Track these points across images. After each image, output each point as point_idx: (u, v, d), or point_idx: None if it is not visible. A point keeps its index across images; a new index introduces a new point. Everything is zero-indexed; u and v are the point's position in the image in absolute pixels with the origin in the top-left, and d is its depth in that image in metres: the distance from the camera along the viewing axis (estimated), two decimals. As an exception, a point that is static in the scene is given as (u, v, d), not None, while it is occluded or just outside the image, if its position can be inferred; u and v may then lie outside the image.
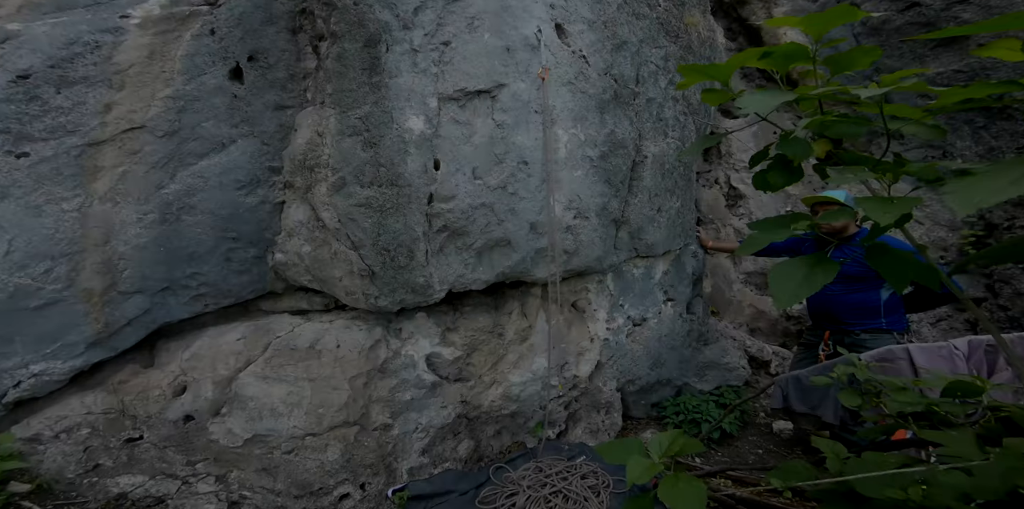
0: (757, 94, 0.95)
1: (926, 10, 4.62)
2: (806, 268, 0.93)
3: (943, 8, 4.56)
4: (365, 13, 2.74)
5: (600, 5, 3.47)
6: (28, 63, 2.78)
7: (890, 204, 0.82)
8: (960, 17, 4.49)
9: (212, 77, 2.92)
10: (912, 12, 4.69)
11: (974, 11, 4.45)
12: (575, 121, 3.25)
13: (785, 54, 0.99)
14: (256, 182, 2.96)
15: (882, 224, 0.81)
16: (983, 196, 0.61)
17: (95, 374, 2.97)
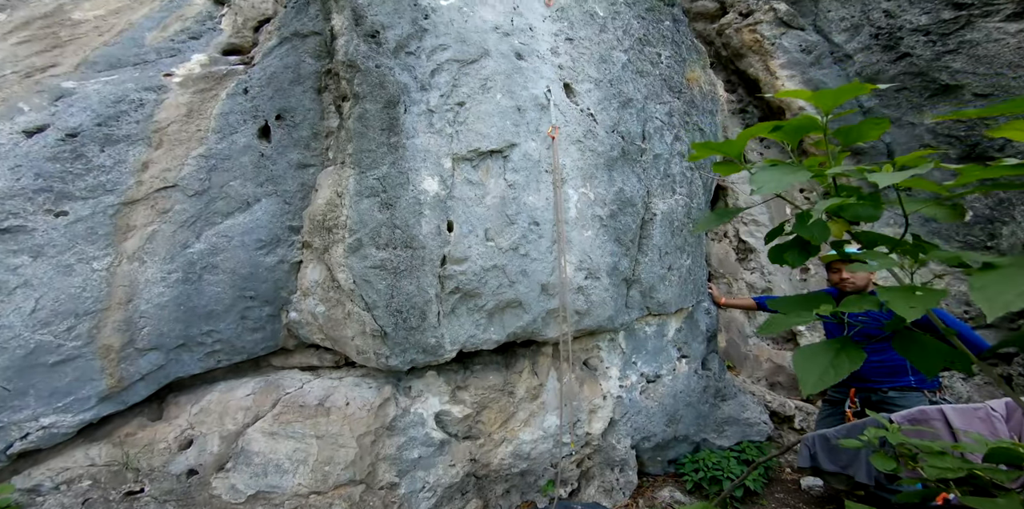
0: (770, 171, 0.94)
1: (917, 60, 4.64)
2: (831, 353, 0.89)
3: (933, 58, 4.57)
4: (386, 75, 2.82)
5: (606, 64, 3.54)
6: (78, 121, 2.91)
7: (914, 296, 0.78)
8: (950, 66, 4.48)
9: (242, 135, 3.01)
10: (904, 62, 4.71)
11: (963, 60, 4.45)
12: (584, 180, 3.23)
13: (795, 128, 0.99)
14: (276, 241, 2.97)
15: (908, 320, 0.76)
16: (1011, 297, 0.60)
17: (102, 426, 2.90)
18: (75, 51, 3.84)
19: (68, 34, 4.06)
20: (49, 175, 2.71)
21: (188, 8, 4.32)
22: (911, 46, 4.70)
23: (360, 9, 3.32)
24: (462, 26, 3.23)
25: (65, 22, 4.23)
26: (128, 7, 4.44)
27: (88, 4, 4.51)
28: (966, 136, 4.28)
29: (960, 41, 4.53)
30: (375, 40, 3.04)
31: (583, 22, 3.73)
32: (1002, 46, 4.35)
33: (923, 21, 4.77)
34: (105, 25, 4.17)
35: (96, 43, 3.83)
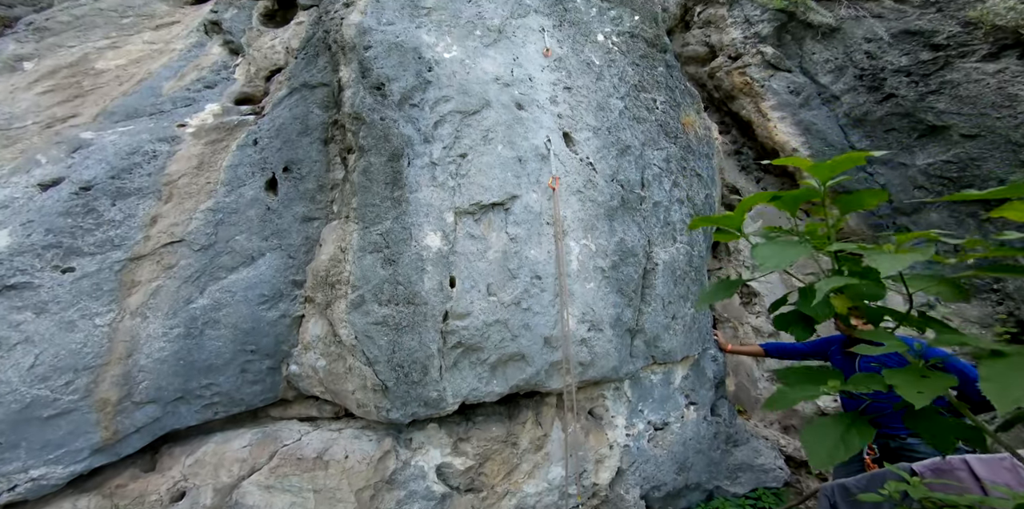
0: (771, 245, 0.93)
1: (902, 101, 4.61)
2: (841, 428, 0.86)
3: (918, 99, 4.55)
4: (390, 127, 2.77)
5: (603, 112, 3.48)
6: (93, 174, 2.85)
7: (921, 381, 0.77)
8: (935, 107, 4.46)
9: (250, 188, 2.95)
10: (890, 103, 4.68)
11: (947, 101, 4.42)
12: (585, 231, 3.13)
13: (794, 198, 0.99)
14: (279, 296, 2.88)
15: (917, 406, 0.74)
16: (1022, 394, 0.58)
17: (93, 477, 2.74)
18: (96, 101, 3.85)
19: (90, 83, 4.08)
20: (60, 230, 2.65)
21: (205, 58, 4.35)
22: (895, 87, 4.66)
23: (367, 62, 3.30)
24: (464, 78, 3.19)
25: (89, 71, 4.26)
26: (148, 56, 4.48)
27: (112, 53, 4.56)
28: (958, 177, 4.18)
29: (941, 81, 4.49)
30: (380, 92, 3.00)
31: (580, 71, 3.69)
32: (983, 87, 4.31)
33: (904, 62, 4.76)
34: (126, 74, 4.19)
35: (116, 93, 3.85)
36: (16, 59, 4.51)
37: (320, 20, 4.14)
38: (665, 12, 5.76)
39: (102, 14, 5.17)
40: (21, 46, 4.71)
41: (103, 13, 5.18)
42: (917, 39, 4.84)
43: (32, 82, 3.91)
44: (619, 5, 4.91)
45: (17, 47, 4.68)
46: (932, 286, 0.89)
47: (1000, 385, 0.61)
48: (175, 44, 4.48)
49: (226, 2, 4.95)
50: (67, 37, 4.87)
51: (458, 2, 4.12)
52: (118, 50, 4.52)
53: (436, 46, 3.37)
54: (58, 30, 4.95)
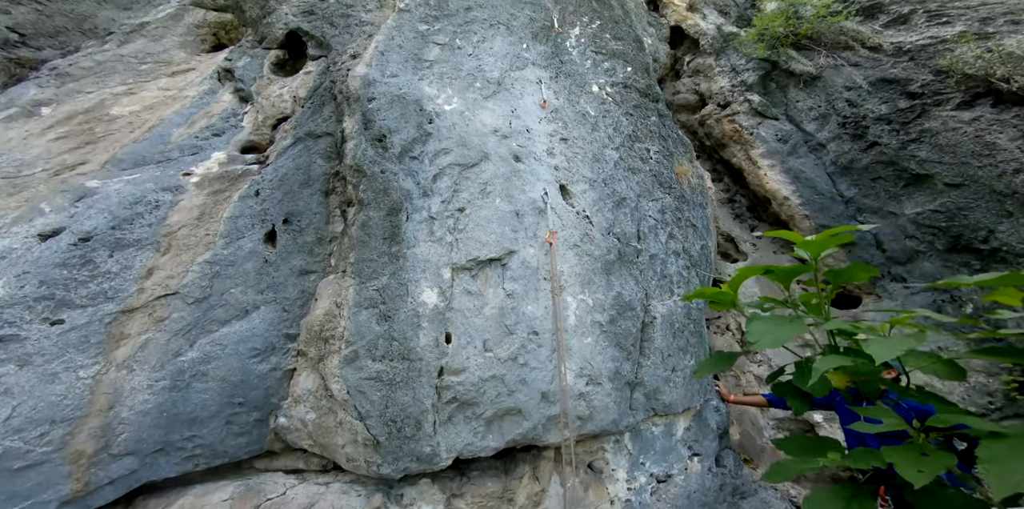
0: (766, 322, 0.91)
1: (885, 149, 4.53)
2: (842, 502, 0.82)
3: (900, 147, 4.47)
4: (390, 180, 2.67)
5: (599, 163, 3.40)
6: (94, 224, 2.73)
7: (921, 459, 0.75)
8: (917, 155, 4.37)
9: (249, 240, 2.83)
10: (874, 151, 4.60)
11: (928, 150, 4.35)
12: (583, 286, 2.99)
13: (787, 272, 0.98)
14: (271, 349, 2.71)
15: (916, 486, 0.71)
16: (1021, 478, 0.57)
17: (61, 528, 2.53)
18: (106, 147, 3.78)
19: (103, 130, 4.03)
20: (54, 282, 2.51)
21: (215, 105, 4.32)
22: (877, 135, 4.60)
23: (370, 113, 3.25)
24: (464, 130, 3.13)
25: (103, 117, 4.21)
26: (162, 103, 4.45)
27: (127, 99, 4.53)
28: (947, 227, 4.04)
29: (921, 130, 4.43)
30: (382, 144, 2.93)
31: (576, 122, 3.64)
32: (960, 135, 4.24)
33: (884, 110, 4.72)
34: (138, 121, 4.15)
35: (127, 140, 3.78)
36: (35, 104, 4.48)
37: (328, 70, 4.13)
38: (656, 62, 5.82)
39: (122, 60, 5.18)
40: (41, 91, 4.69)
41: (123, 59, 5.19)
42: (894, 87, 4.84)
43: (47, 128, 3.86)
44: (612, 57, 4.95)
45: (37, 92, 4.67)
46: (929, 365, 0.85)
47: (1000, 468, 0.59)
48: (189, 91, 4.46)
49: (240, 50, 4.98)
50: (86, 83, 4.86)
51: (459, 55, 4.13)
52: (134, 96, 4.49)
53: (437, 98, 3.34)
54: (79, 76, 4.95)
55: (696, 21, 6.43)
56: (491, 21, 4.62)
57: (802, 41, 5.63)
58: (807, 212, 4.60)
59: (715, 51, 6.15)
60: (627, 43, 5.31)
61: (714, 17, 6.62)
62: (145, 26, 5.67)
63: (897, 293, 4.19)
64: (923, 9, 5.19)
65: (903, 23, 5.29)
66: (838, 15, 5.41)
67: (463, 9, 4.65)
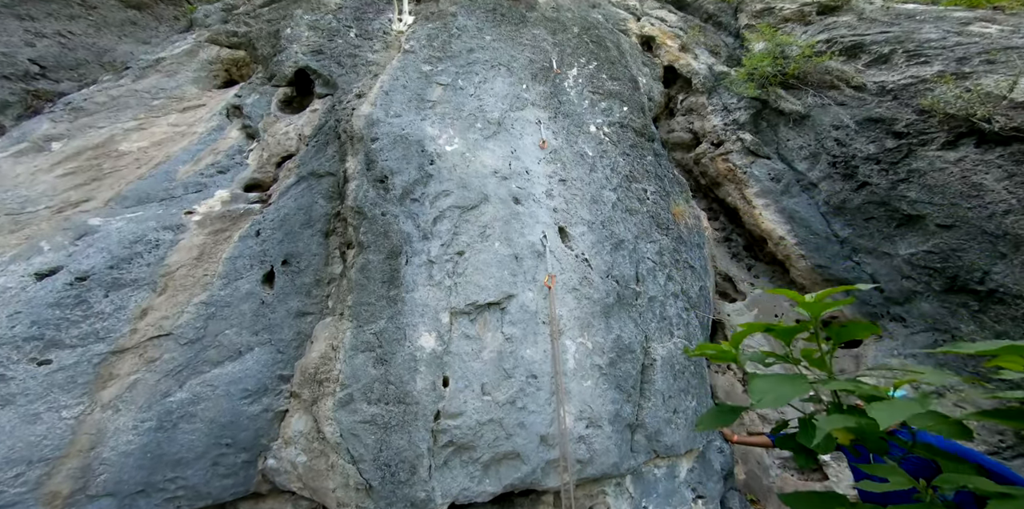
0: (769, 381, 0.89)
1: (876, 189, 4.46)
2: None
3: (890, 187, 4.41)
4: (391, 223, 2.63)
5: (597, 205, 3.37)
6: (92, 263, 2.67)
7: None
8: (907, 196, 4.28)
9: (247, 282, 2.76)
10: (865, 191, 4.53)
11: (917, 190, 4.27)
12: (582, 329, 2.91)
13: (787, 331, 0.98)
14: (263, 391, 2.60)
15: None
16: None
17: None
18: (111, 184, 3.75)
19: (110, 166, 4.01)
20: (45, 322, 2.43)
21: (222, 141, 4.33)
22: (867, 175, 4.57)
23: (372, 153, 3.24)
24: (464, 171, 3.12)
25: (111, 153, 4.21)
26: (170, 139, 4.46)
27: (137, 135, 4.54)
28: (942, 268, 3.94)
29: (909, 170, 4.40)
30: (383, 185, 2.90)
31: (575, 162, 3.64)
32: (947, 175, 4.19)
33: (871, 150, 4.69)
34: (145, 157, 4.14)
35: (132, 177, 3.76)
36: (46, 139, 4.47)
37: (333, 109, 4.17)
38: (651, 101, 5.92)
39: (136, 95, 5.21)
40: (54, 126, 4.68)
41: (137, 94, 5.22)
42: (880, 127, 4.82)
43: (55, 164, 3.84)
44: (609, 97, 5.03)
45: (50, 127, 4.66)
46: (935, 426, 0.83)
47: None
48: (197, 127, 4.49)
49: (250, 87, 5.05)
50: (99, 117, 4.86)
51: (461, 95, 4.18)
52: (143, 132, 4.51)
53: (439, 139, 3.34)
54: (92, 110, 4.95)
55: (688, 61, 6.57)
56: (492, 62, 4.71)
57: (790, 80, 5.66)
58: (803, 252, 4.54)
59: (707, 90, 6.24)
60: (623, 83, 5.41)
61: (705, 57, 6.78)
62: (161, 62, 5.73)
63: (898, 333, 4.08)
64: (902, 49, 5.26)
65: (884, 63, 5.34)
66: (822, 55, 5.47)
67: (466, 50, 4.75)
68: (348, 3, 5.52)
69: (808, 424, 0.97)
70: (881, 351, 4.11)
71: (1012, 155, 4.05)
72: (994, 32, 5.05)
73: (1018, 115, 4.22)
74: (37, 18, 6.16)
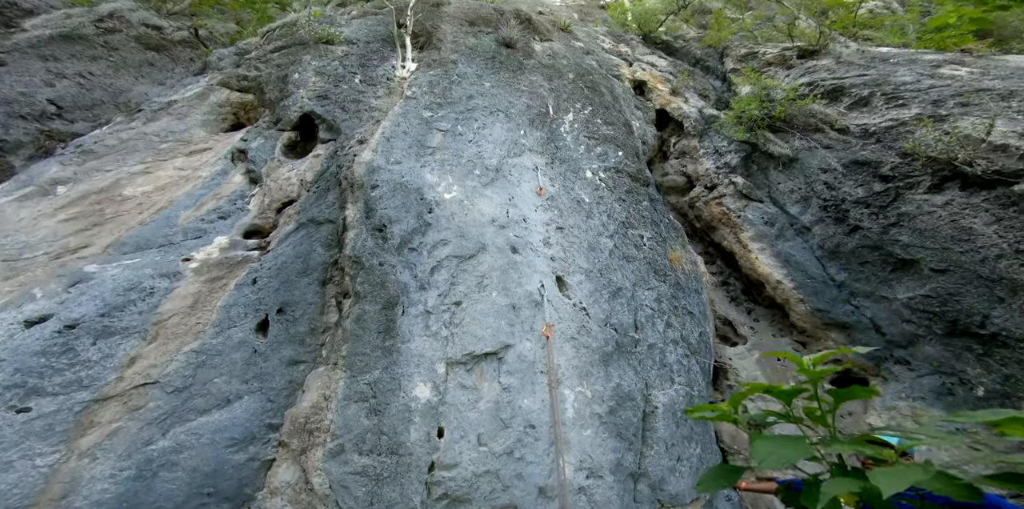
0: (771, 442, 0.90)
1: (868, 233, 4.48)
2: None
3: (882, 231, 4.43)
4: (388, 274, 2.66)
5: (594, 253, 3.43)
6: (83, 311, 2.66)
7: None
8: (899, 240, 4.29)
9: (240, 330, 2.75)
10: (858, 235, 4.55)
11: (908, 234, 4.28)
12: (580, 378, 2.89)
13: (788, 392, 1.00)
14: (250, 439, 2.54)
15: None
16: None
17: None
18: (112, 230, 3.81)
19: (113, 211, 4.09)
20: (29, 370, 2.40)
21: (226, 186, 4.44)
22: (858, 219, 4.61)
23: (372, 201, 3.33)
24: (462, 220, 3.19)
25: (115, 198, 4.30)
26: (175, 183, 4.57)
27: (142, 179, 4.65)
28: (942, 312, 3.94)
29: (898, 214, 4.43)
30: (382, 234, 2.96)
31: (572, 209, 3.73)
32: (937, 219, 4.22)
33: (860, 193, 4.74)
34: (148, 202, 4.24)
35: (133, 222, 3.83)
36: (52, 183, 4.55)
37: (335, 154, 4.31)
38: (645, 144, 6.15)
39: (145, 138, 5.31)
40: (62, 169, 4.76)
41: (146, 137, 5.33)
42: (866, 170, 4.90)
43: (58, 208, 3.92)
44: (604, 141, 5.24)
45: (58, 170, 4.74)
46: (944, 487, 0.82)
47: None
48: (202, 171, 4.61)
49: (256, 131, 5.22)
50: (108, 160, 4.94)
51: (460, 141, 4.35)
52: (149, 176, 4.61)
53: (438, 186, 3.44)
54: (101, 153, 5.04)
55: (679, 105, 6.86)
56: (491, 109, 4.94)
57: (777, 123, 5.86)
58: (801, 296, 4.55)
59: (698, 133, 6.47)
60: (617, 128, 5.65)
61: (695, 100, 7.09)
62: (172, 104, 5.88)
63: (903, 375, 4.03)
64: (880, 92, 5.45)
65: (865, 105, 5.49)
66: (806, 98, 5.70)
67: (465, 97, 4.99)
68: (354, 50, 5.82)
69: (813, 486, 0.96)
70: (888, 394, 4.04)
71: (997, 199, 4.11)
72: (964, 75, 5.24)
73: (998, 158, 4.30)
74: (60, 59, 6.37)
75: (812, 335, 4.48)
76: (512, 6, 8.29)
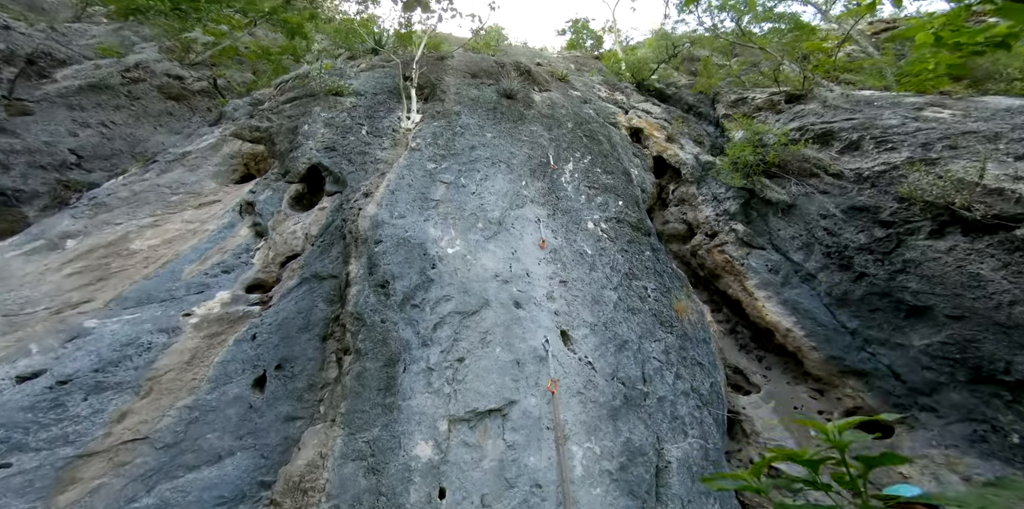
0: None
1: (875, 280, 4.43)
2: None
3: (888, 278, 4.39)
4: (390, 331, 2.67)
5: (599, 306, 3.44)
6: (77, 367, 2.65)
7: None
8: (908, 286, 4.24)
9: (236, 386, 2.73)
10: (865, 282, 4.49)
11: (916, 280, 4.23)
12: (588, 434, 2.81)
13: (814, 461, 0.99)
14: (241, 497, 2.42)
15: None
16: None
17: None
18: (116, 284, 3.87)
19: (119, 265, 4.18)
20: (14, 425, 2.37)
21: (231, 240, 4.56)
22: (863, 265, 4.58)
23: (375, 257, 3.40)
24: (465, 275, 3.24)
25: (122, 252, 4.40)
26: (182, 236, 4.70)
27: (150, 232, 4.78)
28: (962, 359, 3.84)
29: (904, 260, 4.41)
30: (384, 291, 3.00)
31: (574, 262, 3.78)
32: (943, 265, 4.19)
33: (862, 240, 4.74)
34: (154, 256, 4.34)
35: (138, 276, 3.90)
36: (63, 236, 4.66)
37: (341, 208, 4.45)
38: (644, 193, 6.34)
39: (157, 190, 5.44)
40: (74, 222, 4.86)
41: (158, 189, 5.47)
42: (865, 215, 4.92)
43: (65, 262, 4.00)
44: (604, 191, 5.42)
45: (70, 223, 4.84)
46: None
47: None
48: (209, 224, 4.76)
49: (265, 183, 5.40)
50: (119, 213, 5.05)
51: (463, 194, 4.51)
52: (157, 229, 4.74)
53: (441, 240, 3.53)
54: (113, 206, 5.17)
55: (675, 151, 7.10)
56: (493, 159, 5.16)
57: (772, 169, 5.96)
58: (813, 344, 4.48)
59: (696, 180, 6.64)
60: (617, 177, 5.86)
61: (691, 147, 7.35)
62: (186, 155, 6.03)
63: (931, 423, 3.86)
64: (869, 135, 5.57)
65: (855, 149, 5.60)
66: (797, 143, 5.86)
67: (468, 148, 5.22)
68: (362, 102, 6.15)
69: None
70: (917, 441, 3.84)
71: (1001, 244, 4.12)
72: (947, 117, 5.37)
73: (996, 202, 4.32)
74: (86, 108, 6.63)
75: (828, 382, 4.35)
76: (512, 58, 8.89)
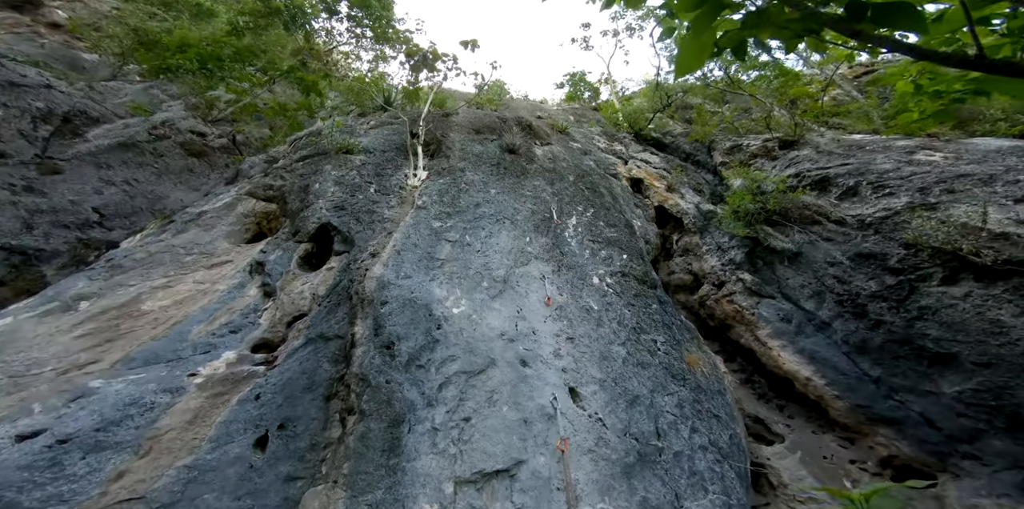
0: None
1: (893, 327, 4.35)
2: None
3: (906, 326, 4.31)
4: (395, 391, 2.68)
5: (607, 362, 3.43)
6: (79, 426, 2.66)
7: None
8: (928, 334, 4.15)
9: (238, 445, 2.71)
10: (882, 330, 4.41)
11: (935, 328, 4.14)
12: (601, 494, 2.70)
13: None
14: (235, 576, 2.33)
15: None
16: None
17: None
18: (124, 345, 3.96)
19: (128, 326, 4.30)
20: (9, 484, 2.36)
21: (240, 300, 4.67)
22: (879, 313, 4.51)
23: (381, 318, 3.47)
24: (471, 335, 3.30)
25: (133, 313, 4.53)
26: (192, 297, 4.84)
27: (162, 293, 4.92)
28: (998, 406, 3.70)
29: (919, 307, 4.35)
30: (390, 352, 3.06)
31: (581, 318, 3.82)
32: (961, 312, 4.13)
33: (874, 287, 4.70)
34: (164, 317, 4.46)
35: (146, 337, 4.00)
36: (77, 299, 4.79)
37: (348, 268, 4.59)
38: (648, 244, 6.46)
39: (172, 251, 5.62)
40: (89, 284, 4.99)
41: (173, 250, 5.65)
42: (873, 262, 4.89)
43: (76, 324, 4.12)
44: (608, 244, 5.54)
45: (85, 285, 4.98)
46: None
47: None
48: (220, 285, 4.90)
49: (275, 242, 5.60)
50: (133, 275, 5.19)
51: (468, 252, 4.65)
52: (169, 290, 4.88)
53: (446, 300, 3.62)
54: (128, 267, 5.33)
55: (676, 201, 7.28)
56: (497, 216, 5.35)
57: (773, 217, 6.02)
58: (836, 392, 4.35)
59: (699, 229, 6.74)
60: (620, 229, 6.01)
61: (691, 196, 7.53)
62: (202, 215, 6.22)
63: (977, 471, 3.62)
64: (866, 181, 5.63)
65: (854, 195, 5.64)
66: (796, 190, 5.96)
67: (472, 205, 5.44)
68: (371, 159, 6.47)
69: None
70: (964, 491, 3.61)
71: (1017, 289, 4.08)
72: (939, 160, 5.46)
73: (1004, 247, 4.32)
74: (113, 166, 6.85)
75: (857, 431, 4.16)
76: (514, 113, 9.43)
